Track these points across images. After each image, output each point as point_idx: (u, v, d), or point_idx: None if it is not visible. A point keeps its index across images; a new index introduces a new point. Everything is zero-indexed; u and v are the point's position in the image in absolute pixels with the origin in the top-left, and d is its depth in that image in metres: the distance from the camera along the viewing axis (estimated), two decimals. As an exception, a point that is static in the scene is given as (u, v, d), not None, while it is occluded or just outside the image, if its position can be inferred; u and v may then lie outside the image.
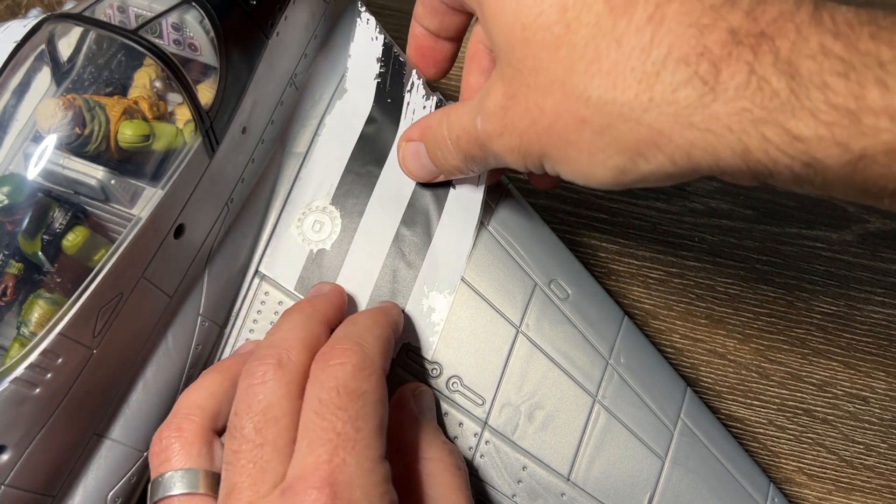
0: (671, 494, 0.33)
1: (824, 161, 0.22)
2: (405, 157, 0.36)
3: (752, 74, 0.23)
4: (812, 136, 0.22)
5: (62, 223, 0.31)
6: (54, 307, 0.30)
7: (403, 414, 0.32)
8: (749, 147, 0.23)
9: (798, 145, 0.22)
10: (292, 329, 0.30)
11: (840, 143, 0.22)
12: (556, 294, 0.35)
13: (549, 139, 0.28)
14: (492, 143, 0.30)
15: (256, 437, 0.27)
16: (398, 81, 0.38)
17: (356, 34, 0.39)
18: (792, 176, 0.23)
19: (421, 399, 0.33)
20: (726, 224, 0.46)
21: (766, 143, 0.23)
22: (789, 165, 0.23)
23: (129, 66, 0.34)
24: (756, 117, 0.23)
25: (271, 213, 0.37)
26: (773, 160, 0.23)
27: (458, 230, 0.36)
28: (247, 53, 0.34)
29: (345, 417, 0.27)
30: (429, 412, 0.33)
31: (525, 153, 0.29)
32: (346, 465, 0.25)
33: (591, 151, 0.27)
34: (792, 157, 0.23)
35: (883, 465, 0.41)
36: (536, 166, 0.30)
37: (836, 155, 0.22)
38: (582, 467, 0.34)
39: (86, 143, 0.31)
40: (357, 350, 0.29)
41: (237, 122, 0.34)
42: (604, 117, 0.26)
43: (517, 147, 0.29)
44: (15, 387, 0.28)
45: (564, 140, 0.27)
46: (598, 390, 0.34)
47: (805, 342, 0.44)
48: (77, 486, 0.31)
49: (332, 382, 0.27)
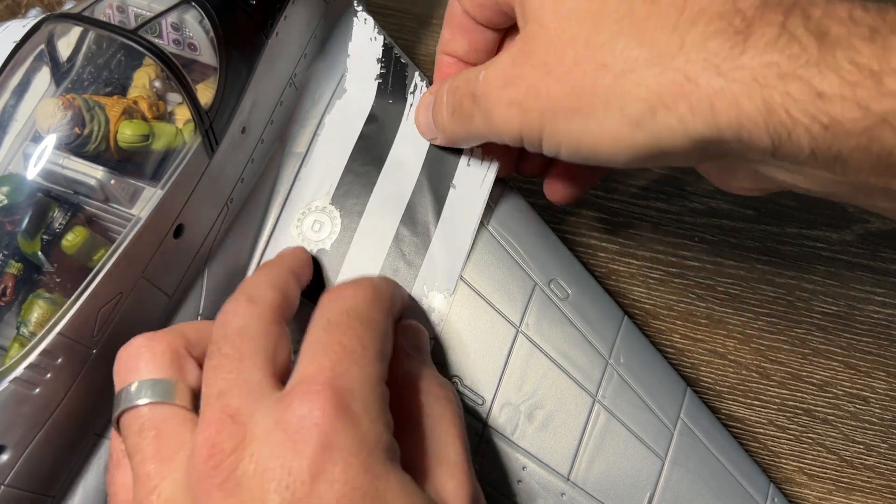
0: (671, 494, 0.33)
1: (844, 124, 0.23)
2: (418, 108, 0.36)
3: (783, 32, 0.23)
4: (835, 93, 0.22)
5: (62, 223, 0.31)
6: (54, 307, 0.30)
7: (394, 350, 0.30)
8: (772, 105, 0.23)
9: (820, 104, 0.23)
10: (260, 275, 0.30)
11: (861, 105, 0.22)
12: (555, 294, 0.35)
13: (561, 88, 0.27)
14: (490, 95, 0.30)
15: (234, 353, 0.26)
16: (400, 82, 0.38)
17: (354, 34, 0.39)
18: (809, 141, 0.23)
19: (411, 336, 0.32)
20: (726, 224, 0.46)
21: (788, 101, 0.23)
22: (808, 128, 0.23)
23: (129, 65, 0.34)
24: (783, 71, 0.23)
25: (271, 212, 0.37)
26: (793, 120, 0.23)
27: (458, 230, 0.36)
28: (246, 53, 0.34)
29: (352, 335, 0.26)
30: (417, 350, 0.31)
31: (526, 108, 0.29)
32: (349, 374, 0.25)
33: (609, 98, 0.26)
34: (812, 116, 0.23)
35: (883, 465, 0.41)
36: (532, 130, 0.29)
37: (857, 118, 0.22)
38: (582, 467, 0.34)
39: (85, 143, 0.31)
40: (370, 285, 0.29)
41: (237, 121, 0.34)
42: (628, 63, 0.26)
43: (520, 100, 0.29)
44: (15, 387, 0.28)
45: (579, 88, 0.27)
46: (598, 390, 0.34)
47: (805, 342, 0.44)
48: (77, 486, 0.31)
49: (342, 307, 0.27)
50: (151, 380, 0.27)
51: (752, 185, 0.30)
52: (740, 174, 0.29)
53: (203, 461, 0.24)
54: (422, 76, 0.38)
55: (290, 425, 0.23)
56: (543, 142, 0.29)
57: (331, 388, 0.24)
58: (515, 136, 0.30)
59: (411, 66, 0.38)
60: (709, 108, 0.24)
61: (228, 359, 0.26)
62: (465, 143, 0.35)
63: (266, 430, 0.24)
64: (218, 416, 0.24)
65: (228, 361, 0.26)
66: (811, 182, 0.26)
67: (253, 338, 0.27)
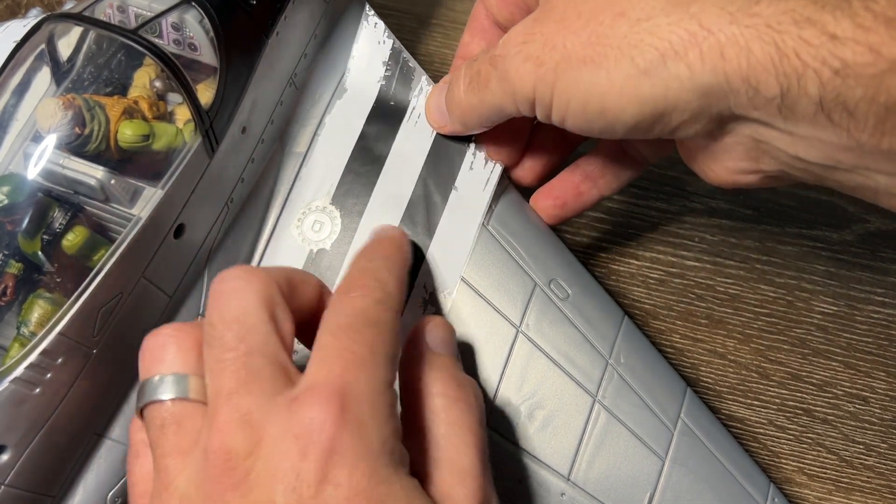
0: (671, 494, 0.33)
1: (854, 68, 0.23)
2: (430, 96, 0.36)
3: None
4: (848, 37, 0.23)
5: (62, 223, 0.31)
6: (54, 307, 0.30)
7: (413, 349, 0.30)
8: (784, 50, 0.24)
9: (832, 46, 0.23)
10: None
11: (873, 49, 0.23)
12: (556, 294, 0.35)
13: (578, 39, 0.28)
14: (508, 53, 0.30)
15: (240, 345, 0.26)
16: (404, 85, 0.38)
17: (361, 36, 0.39)
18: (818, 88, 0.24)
19: (434, 333, 0.31)
20: (726, 224, 0.46)
21: (801, 45, 0.24)
22: (818, 72, 0.23)
23: (129, 65, 0.34)
24: (798, 17, 0.24)
25: (271, 212, 0.37)
26: (803, 65, 0.24)
27: (459, 231, 0.36)
28: (246, 53, 0.34)
29: (361, 341, 0.26)
30: (443, 346, 0.31)
31: (541, 62, 0.29)
32: (358, 380, 0.25)
33: (622, 47, 0.27)
34: (823, 60, 0.23)
35: (883, 465, 0.41)
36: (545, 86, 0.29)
37: (868, 62, 0.23)
38: (582, 467, 0.34)
39: (86, 143, 0.31)
40: (378, 286, 0.28)
41: (237, 121, 0.34)
42: (645, 11, 0.26)
43: (536, 54, 0.29)
44: (15, 387, 0.28)
45: (595, 36, 0.27)
46: (598, 390, 0.34)
47: (805, 342, 0.44)
48: (77, 485, 0.31)
49: (351, 310, 0.27)
50: (175, 375, 0.27)
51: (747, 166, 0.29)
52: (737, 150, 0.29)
53: (219, 464, 0.24)
54: (429, 81, 0.38)
55: (300, 430, 0.24)
56: (554, 97, 0.29)
57: (339, 395, 0.24)
58: (529, 92, 0.30)
59: (419, 70, 0.38)
60: (719, 55, 0.25)
61: (233, 352, 0.26)
62: (476, 119, 0.34)
63: (277, 434, 0.24)
64: (230, 418, 0.24)
65: (234, 356, 0.25)
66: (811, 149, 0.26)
67: (256, 326, 0.26)
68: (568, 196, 0.38)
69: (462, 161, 0.37)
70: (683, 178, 0.46)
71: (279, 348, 0.26)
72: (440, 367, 0.30)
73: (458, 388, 0.29)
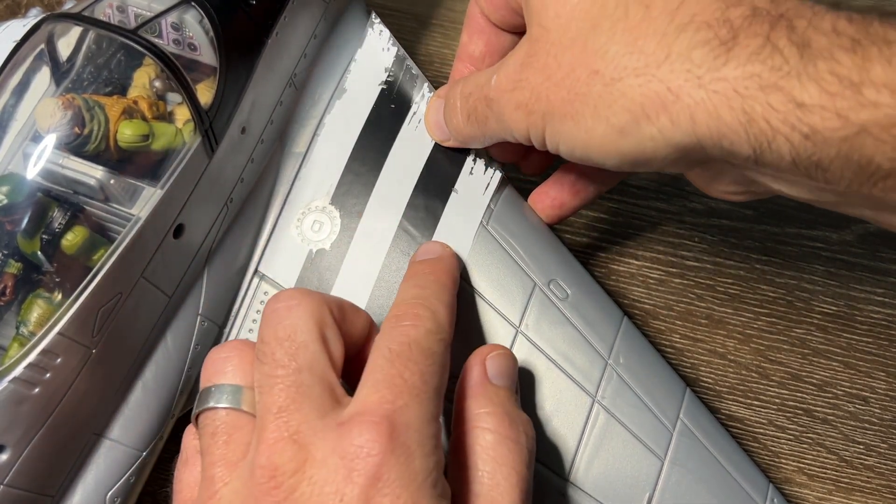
0: (670, 495, 0.33)
1: (823, 133, 0.23)
2: (427, 112, 0.37)
3: (767, 43, 0.24)
4: (815, 104, 0.23)
5: (61, 223, 0.31)
6: (53, 307, 0.30)
7: (470, 379, 0.30)
8: (752, 115, 0.24)
9: (800, 114, 0.23)
10: None
11: (841, 115, 0.22)
12: (555, 294, 0.35)
13: (558, 93, 0.28)
14: (501, 98, 0.31)
15: (291, 363, 0.26)
16: (406, 90, 0.38)
17: (366, 41, 0.40)
18: (790, 150, 0.24)
19: (495, 364, 0.31)
20: (726, 224, 0.46)
21: (769, 112, 0.23)
22: (788, 137, 0.23)
23: (129, 65, 0.34)
24: (764, 83, 0.23)
25: (271, 212, 0.37)
26: (773, 130, 0.24)
27: (458, 233, 0.36)
28: (246, 53, 0.34)
29: (414, 369, 0.26)
30: (501, 378, 0.30)
31: (531, 110, 0.30)
32: (408, 409, 0.25)
33: (597, 106, 0.27)
34: (793, 126, 0.23)
35: (883, 465, 0.41)
36: (537, 130, 0.30)
37: (836, 127, 0.23)
38: (581, 467, 0.34)
39: (85, 143, 0.31)
40: (430, 316, 0.28)
41: (236, 121, 0.34)
42: (617, 70, 0.27)
43: (525, 103, 0.30)
44: (14, 386, 0.28)
45: (573, 94, 0.28)
46: (598, 390, 0.34)
47: (805, 342, 0.43)
48: (76, 485, 0.31)
49: (404, 338, 0.27)
50: (233, 385, 0.28)
51: (739, 189, 0.30)
52: (726, 178, 0.30)
53: (265, 480, 0.24)
54: (430, 88, 0.38)
55: (347, 453, 0.24)
56: (546, 141, 0.30)
57: (389, 422, 0.24)
58: (524, 135, 0.31)
59: (422, 77, 0.39)
60: (689, 120, 0.25)
61: (284, 369, 0.26)
62: (480, 144, 0.36)
63: (324, 455, 0.24)
64: (279, 436, 0.25)
65: (285, 373, 0.26)
66: (795, 188, 0.27)
67: (307, 344, 0.27)
68: (565, 195, 0.38)
69: (462, 165, 0.37)
70: (683, 178, 0.46)
71: (328, 368, 0.27)
72: (495, 401, 0.29)
73: (509, 426, 0.29)
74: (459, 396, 0.30)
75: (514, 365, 0.31)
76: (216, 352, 0.29)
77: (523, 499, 0.27)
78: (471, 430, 0.28)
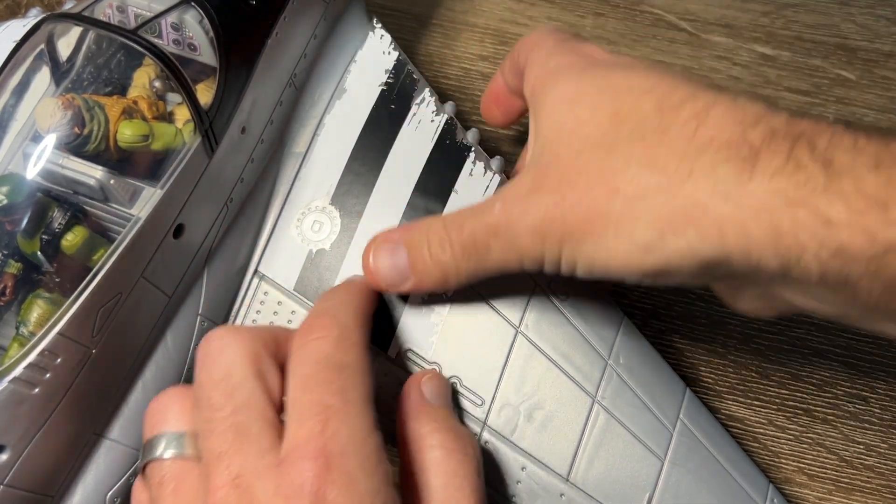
0: (670, 495, 0.33)
1: (851, 250, 0.23)
2: (375, 255, 0.33)
3: (790, 159, 0.24)
4: (843, 221, 0.23)
5: (61, 223, 0.31)
6: (53, 307, 0.30)
7: (409, 403, 0.31)
8: (781, 229, 0.24)
9: (828, 231, 0.23)
10: None
11: (868, 232, 0.22)
12: (555, 294, 0.35)
13: (575, 214, 0.28)
14: (510, 224, 0.29)
15: (227, 405, 0.26)
16: (406, 93, 0.38)
17: (367, 44, 0.40)
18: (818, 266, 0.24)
19: (430, 386, 0.32)
20: (726, 224, 0.46)
21: (797, 227, 0.23)
22: (817, 254, 0.23)
23: (129, 65, 0.34)
24: (790, 198, 0.23)
25: (271, 212, 0.37)
26: (801, 246, 0.24)
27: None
28: (246, 53, 0.34)
29: (332, 389, 0.26)
30: (438, 398, 0.32)
31: (546, 234, 0.28)
32: (338, 436, 0.25)
33: (619, 223, 0.27)
34: (821, 242, 0.23)
35: (883, 465, 0.41)
36: (553, 254, 0.29)
37: (864, 245, 0.23)
38: (581, 468, 0.34)
39: (85, 143, 0.31)
40: (334, 324, 0.28)
41: (236, 122, 0.34)
42: (639, 188, 0.26)
43: (538, 227, 0.29)
44: (14, 386, 0.28)
45: (592, 213, 0.27)
46: (598, 391, 0.34)
47: (805, 342, 0.43)
48: (76, 485, 0.31)
49: (313, 357, 0.27)
50: (176, 433, 0.28)
51: (765, 304, 0.30)
52: (752, 293, 0.29)
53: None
54: (432, 93, 0.38)
55: (290, 493, 0.24)
56: (562, 263, 0.29)
57: (323, 454, 0.24)
58: (538, 260, 0.30)
59: (423, 81, 0.39)
60: (717, 233, 0.25)
61: (221, 411, 0.26)
62: (466, 279, 0.32)
63: (268, 498, 0.24)
64: (223, 482, 0.25)
65: (223, 416, 0.26)
66: (823, 304, 0.26)
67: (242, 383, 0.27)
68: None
69: (462, 167, 0.37)
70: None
71: (266, 405, 0.27)
72: (438, 419, 0.30)
73: (455, 440, 0.29)
74: (401, 421, 0.30)
75: (447, 385, 0.33)
76: (156, 401, 0.29)
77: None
78: (419, 450, 0.29)
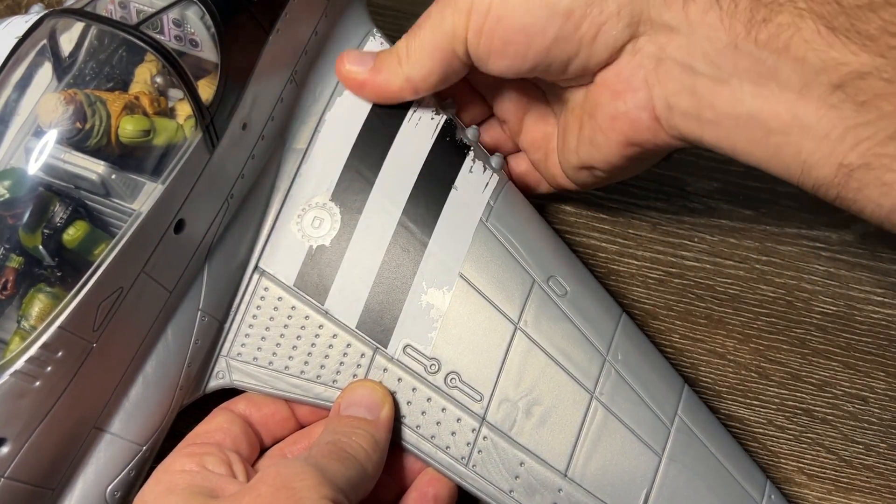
0: (668, 491, 0.33)
1: None
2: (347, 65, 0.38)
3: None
4: None
5: (63, 217, 0.31)
6: (54, 301, 0.30)
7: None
8: None
9: None
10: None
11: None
12: (554, 291, 0.35)
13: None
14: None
15: None
16: None
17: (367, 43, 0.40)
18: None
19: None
20: (726, 224, 0.46)
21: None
22: None
23: (131, 61, 0.34)
24: None
25: (271, 208, 0.37)
26: None
27: (457, 229, 0.36)
28: (247, 50, 0.34)
29: None
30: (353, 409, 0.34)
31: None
32: None
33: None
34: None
35: (883, 465, 0.41)
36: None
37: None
38: (579, 463, 0.34)
39: (87, 138, 0.31)
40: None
41: (237, 118, 0.34)
42: None
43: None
44: (15, 380, 0.28)
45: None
46: (596, 387, 0.34)
47: (805, 342, 0.44)
48: (76, 479, 0.31)
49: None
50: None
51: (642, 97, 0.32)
52: (636, 79, 0.32)
53: None
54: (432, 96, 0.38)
55: None
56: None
57: None
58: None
59: None
60: None
61: None
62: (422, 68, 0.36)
63: None
64: None
65: None
66: (700, 54, 0.30)
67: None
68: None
69: (462, 164, 0.37)
70: (683, 178, 0.47)
71: None
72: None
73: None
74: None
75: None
76: None
77: None
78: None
